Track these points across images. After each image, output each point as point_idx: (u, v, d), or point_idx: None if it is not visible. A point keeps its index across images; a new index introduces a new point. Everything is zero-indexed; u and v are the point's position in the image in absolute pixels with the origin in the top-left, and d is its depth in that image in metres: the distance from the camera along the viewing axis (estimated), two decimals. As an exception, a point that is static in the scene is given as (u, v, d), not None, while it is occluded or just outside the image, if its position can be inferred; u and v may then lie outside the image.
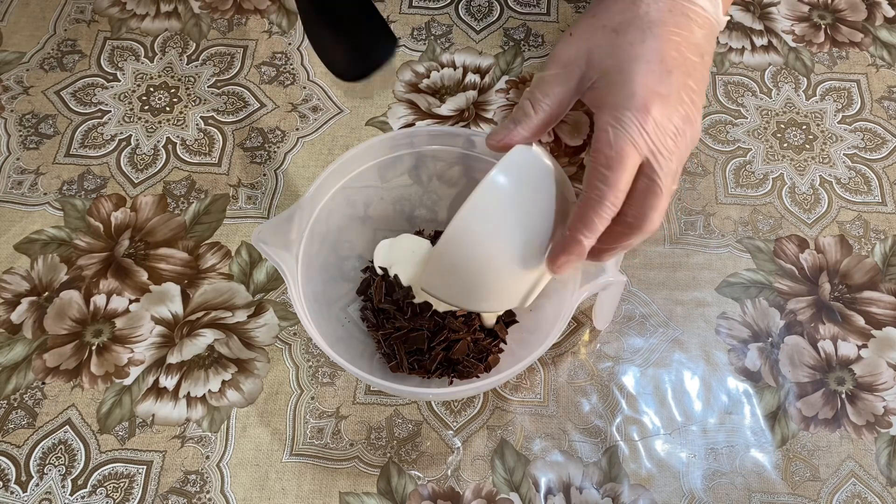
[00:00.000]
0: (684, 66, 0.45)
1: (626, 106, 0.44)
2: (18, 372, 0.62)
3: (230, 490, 0.58)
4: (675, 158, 0.45)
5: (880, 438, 0.60)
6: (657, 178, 0.44)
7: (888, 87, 0.76)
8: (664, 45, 0.45)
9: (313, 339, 0.54)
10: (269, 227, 0.57)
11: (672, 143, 0.44)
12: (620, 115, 0.44)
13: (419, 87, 0.76)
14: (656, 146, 0.44)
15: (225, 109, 0.75)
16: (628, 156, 0.43)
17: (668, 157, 0.44)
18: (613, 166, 0.43)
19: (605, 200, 0.44)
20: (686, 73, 0.45)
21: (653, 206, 0.45)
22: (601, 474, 0.58)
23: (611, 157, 0.43)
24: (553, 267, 0.47)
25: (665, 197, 0.45)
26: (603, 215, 0.44)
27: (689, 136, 0.46)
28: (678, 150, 0.45)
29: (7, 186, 0.71)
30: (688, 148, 0.46)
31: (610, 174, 0.44)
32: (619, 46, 0.45)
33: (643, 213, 0.45)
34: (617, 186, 0.44)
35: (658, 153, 0.44)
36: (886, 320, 0.64)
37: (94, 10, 0.81)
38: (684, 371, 0.62)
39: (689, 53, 0.45)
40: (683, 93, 0.45)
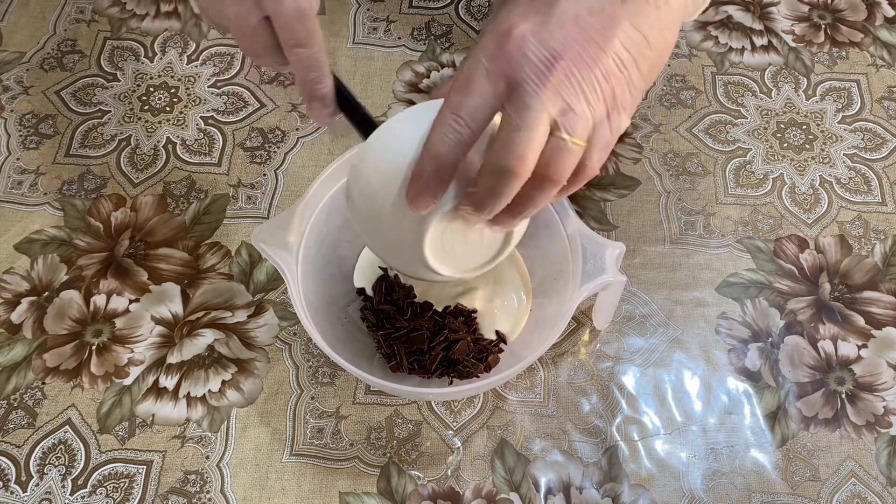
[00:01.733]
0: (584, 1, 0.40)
1: (490, 29, 0.40)
2: (18, 372, 0.62)
3: (230, 490, 0.58)
4: (548, 93, 0.39)
5: (880, 438, 0.60)
6: (516, 110, 0.39)
7: (888, 87, 0.76)
8: None
9: (313, 339, 0.54)
10: (269, 227, 0.57)
11: (540, 73, 0.39)
12: (484, 41, 0.40)
13: (419, 87, 0.76)
14: (517, 72, 0.39)
15: (225, 109, 0.75)
16: (477, 80, 0.39)
17: (533, 86, 0.39)
18: (462, 89, 0.40)
19: (446, 123, 0.40)
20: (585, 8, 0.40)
21: (509, 141, 0.39)
22: (601, 474, 0.58)
23: (461, 80, 0.40)
24: (408, 200, 0.43)
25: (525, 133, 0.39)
26: (445, 140, 0.40)
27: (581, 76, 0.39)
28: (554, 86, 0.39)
29: (7, 186, 0.71)
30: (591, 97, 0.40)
31: (457, 98, 0.40)
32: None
33: (499, 150, 0.40)
34: (459, 109, 0.40)
35: (520, 79, 0.39)
36: (886, 320, 0.64)
37: (94, 10, 0.81)
38: (684, 371, 0.62)
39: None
40: (569, 22, 0.39)
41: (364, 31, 0.80)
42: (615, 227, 0.68)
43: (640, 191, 0.70)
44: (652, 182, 0.70)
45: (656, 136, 0.73)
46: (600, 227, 0.68)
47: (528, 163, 0.40)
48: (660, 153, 0.72)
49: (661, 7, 0.42)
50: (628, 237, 0.68)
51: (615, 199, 0.70)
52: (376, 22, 0.80)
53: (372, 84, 0.76)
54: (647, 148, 0.72)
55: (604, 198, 0.70)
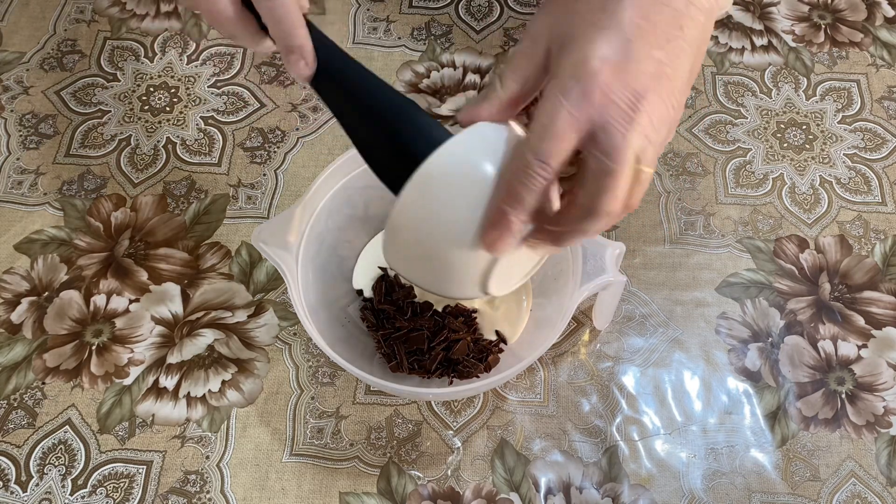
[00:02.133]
0: (652, 35, 0.41)
1: (571, 73, 0.40)
2: (18, 372, 0.62)
3: (230, 490, 0.58)
4: (635, 133, 0.40)
5: (880, 438, 0.60)
6: (606, 154, 0.40)
7: (888, 87, 0.76)
8: (625, 11, 0.40)
9: (313, 339, 0.54)
10: (269, 227, 0.57)
11: (625, 114, 0.40)
12: (562, 82, 0.40)
13: (419, 87, 0.76)
14: (604, 116, 0.39)
15: (225, 109, 0.75)
16: (562, 125, 0.40)
17: (622, 129, 0.40)
18: (543, 135, 0.40)
19: (530, 170, 0.40)
20: (653, 43, 0.41)
21: (604, 186, 0.40)
22: (601, 474, 0.58)
23: (544, 125, 0.40)
24: (484, 244, 0.43)
25: (619, 177, 0.40)
26: (529, 186, 0.40)
27: (658, 114, 0.41)
28: (639, 125, 0.40)
29: (7, 186, 0.71)
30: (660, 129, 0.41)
31: (538, 144, 0.40)
32: (578, 13, 0.41)
33: (594, 195, 0.41)
34: (544, 157, 0.40)
35: (608, 126, 0.39)
36: (886, 320, 0.64)
37: (94, 10, 0.81)
38: (684, 371, 0.62)
39: (660, 22, 0.41)
40: (646, 64, 0.40)
41: (364, 31, 0.80)
42: (615, 227, 0.68)
43: (640, 191, 0.70)
44: (652, 182, 0.70)
45: (656, 136, 0.73)
46: (600, 227, 0.68)
47: (623, 202, 0.41)
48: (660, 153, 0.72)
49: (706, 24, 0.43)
50: (628, 237, 0.68)
51: (615, 199, 0.70)
52: (376, 22, 0.80)
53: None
54: (647, 148, 0.72)
55: (604, 198, 0.70)
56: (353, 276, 0.64)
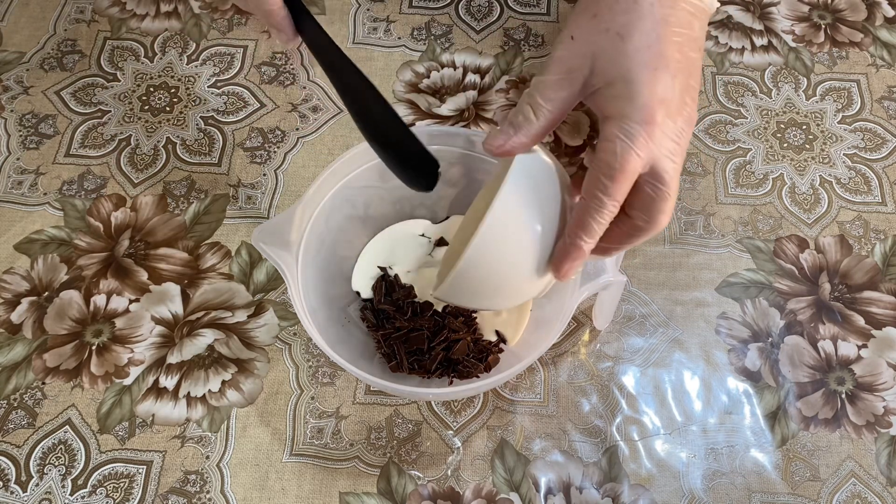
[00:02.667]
0: (687, 67, 0.45)
1: (633, 118, 0.44)
2: (18, 372, 0.62)
3: (230, 490, 0.58)
4: (679, 159, 0.45)
5: (880, 438, 0.60)
6: (663, 182, 0.45)
7: (888, 87, 0.76)
8: (668, 49, 0.44)
9: (313, 339, 0.54)
10: (269, 227, 0.57)
11: (676, 147, 0.45)
12: (627, 126, 0.44)
13: (419, 87, 0.76)
14: (661, 152, 0.44)
15: (225, 109, 0.75)
16: (631, 167, 0.44)
17: (673, 160, 0.45)
18: (616, 177, 0.44)
19: (604, 209, 0.44)
20: (688, 73, 0.45)
21: (661, 209, 0.45)
22: (601, 474, 0.58)
23: (614, 168, 0.44)
24: (558, 274, 0.48)
25: (672, 199, 0.46)
26: (601, 221, 0.45)
27: (689, 133, 0.46)
28: (681, 151, 0.45)
29: (7, 186, 0.71)
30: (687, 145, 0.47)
31: (611, 184, 0.44)
32: (625, 53, 0.44)
33: (652, 217, 0.46)
34: (616, 196, 0.44)
35: (663, 158, 0.44)
36: (886, 320, 0.64)
37: (94, 10, 0.81)
38: (684, 371, 0.62)
39: (690, 52, 0.45)
40: (686, 95, 0.45)
41: (364, 31, 0.80)
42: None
43: (640, 191, 0.70)
44: (652, 182, 0.70)
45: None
46: (600, 227, 0.68)
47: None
48: (660, 153, 0.72)
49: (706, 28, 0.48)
50: (628, 237, 0.68)
51: (615, 199, 0.70)
52: (376, 22, 0.80)
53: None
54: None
55: (604, 198, 0.70)
56: (353, 278, 0.64)
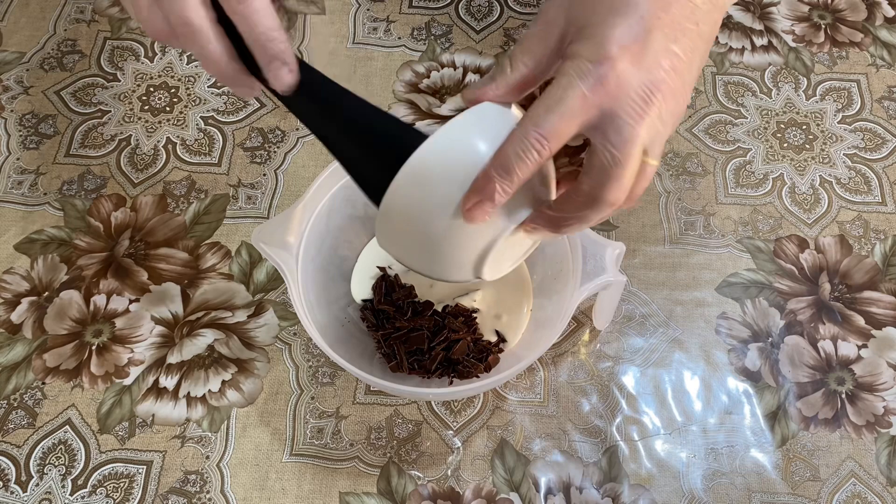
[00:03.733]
0: (670, 28, 0.41)
1: (585, 55, 0.40)
2: (18, 372, 0.62)
3: (230, 490, 0.58)
4: (644, 126, 0.40)
5: (880, 438, 0.60)
6: (615, 145, 0.40)
7: (888, 87, 0.76)
8: (647, 2, 0.40)
9: (313, 339, 0.54)
10: (269, 227, 0.57)
11: (639, 107, 0.39)
12: (578, 63, 0.40)
13: (419, 87, 0.76)
14: (615, 104, 0.39)
15: (225, 109, 0.75)
16: (573, 104, 0.39)
17: (631, 121, 0.39)
18: (553, 108, 0.39)
19: (529, 138, 0.40)
20: (671, 36, 0.41)
21: (609, 175, 0.40)
22: (601, 474, 0.58)
23: (553, 99, 0.39)
24: (463, 209, 0.42)
25: (626, 168, 0.40)
26: (522, 156, 0.40)
27: (668, 108, 0.40)
28: (649, 118, 0.40)
29: (7, 186, 0.71)
30: (668, 122, 0.41)
31: (545, 115, 0.39)
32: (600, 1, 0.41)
33: (600, 184, 0.40)
34: (545, 129, 0.39)
35: (619, 114, 0.39)
36: (886, 320, 0.64)
37: (94, 10, 0.81)
38: (684, 371, 0.62)
39: (679, 17, 0.41)
40: (663, 56, 0.40)
41: (364, 31, 0.80)
42: (615, 227, 0.68)
43: (640, 191, 0.70)
44: (652, 182, 0.70)
45: (656, 136, 0.73)
46: (600, 227, 0.68)
47: (626, 193, 0.41)
48: (660, 153, 0.72)
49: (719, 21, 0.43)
50: (628, 237, 0.68)
51: (615, 199, 0.70)
52: (376, 22, 0.80)
53: (372, 84, 0.76)
54: (647, 148, 0.72)
55: (604, 198, 0.70)
56: (352, 284, 0.64)
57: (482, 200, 0.41)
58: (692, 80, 0.42)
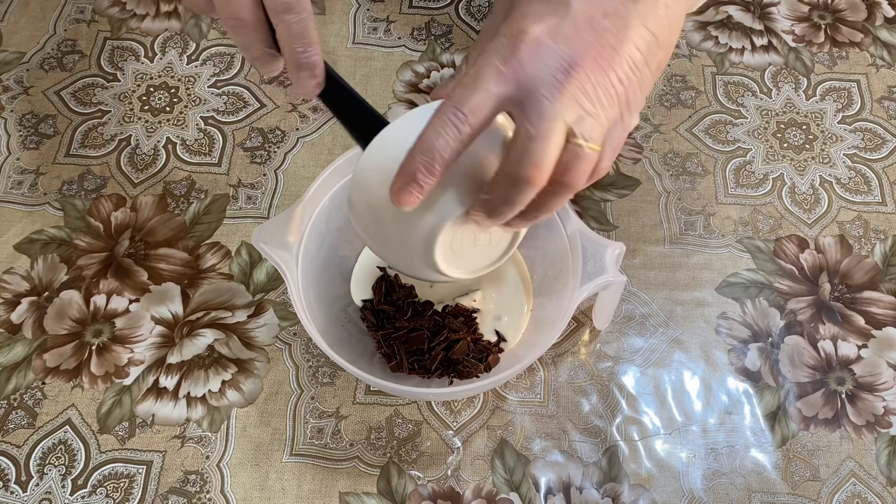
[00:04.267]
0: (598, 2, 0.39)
1: (503, 31, 0.39)
2: (18, 372, 0.62)
3: (230, 490, 0.58)
4: (564, 101, 0.38)
5: (880, 438, 0.60)
6: (529, 117, 0.38)
7: (888, 87, 0.76)
8: None
9: (313, 339, 0.54)
10: (269, 227, 0.57)
11: (556, 81, 0.38)
12: (497, 40, 0.39)
13: (419, 87, 0.76)
14: (532, 78, 0.38)
15: (225, 109, 0.75)
16: (487, 79, 0.38)
17: (548, 93, 0.38)
18: (468, 84, 0.39)
19: (444, 116, 0.39)
20: (599, 10, 0.39)
21: (525, 151, 0.39)
22: (601, 474, 0.58)
23: (470, 75, 0.39)
24: (391, 192, 0.41)
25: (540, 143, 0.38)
26: (441, 132, 0.39)
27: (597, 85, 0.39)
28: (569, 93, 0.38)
29: (7, 186, 0.71)
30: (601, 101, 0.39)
31: (461, 92, 0.39)
32: None
33: (516, 160, 0.39)
34: (463, 106, 0.39)
35: (537, 89, 0.38)
36: (886, 320, 0.64)
37: (94, 10, 0.81)
38: (684, 371, 0.62)
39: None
40: (585, 30, 0.39)
41: (364, 31, 0.80)
42: (615, 227, 0.68)
43: (640, 191, 0.70)
44: (652, 182, 0.70)
45: (656, 136, 0.73)
46: (600, 227, 0.68)
47: (545, 172, 0.40)
48: (660, 153, 0.72)
49: (670, 5, 0.42)
50: (628, 237, 0.68)
51: (615, 199, 0.70)
52: (376, 22, 0.80)
53: (372, 84, 0.76)
54: (647, 148, 0.72)
55: (604, 198, 0.70)
56: (351, 286, 0.64)
57: (406, 181, 0.40)
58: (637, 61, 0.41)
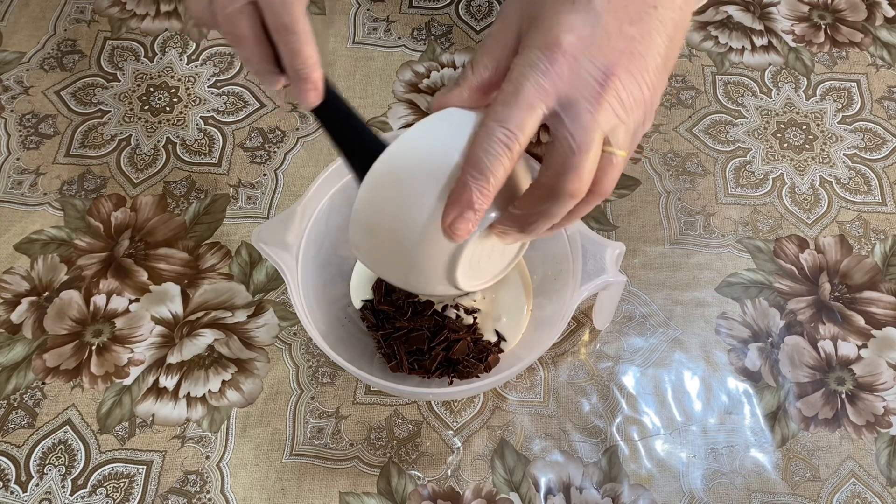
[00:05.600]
0: (623, 11, 0.40)
1: (535, 44, 0.39)
2: (18, 372, 0.62)
3: (230, 490, 0.58)
4: (603, 111, 0.39)
5: (880, 438, 0.60)
6: (571, 131, 0.38)
7: (888, 87, 0.76)
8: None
9: (313, 339, 0.54)
10: (269, 227, 0.57)
11: (595, 91, 0.39)
12: (529, 53, 0.39)
13: (419, 87, 0.76)
14: (572, 90, 0.38)
15: (225, 109, 0.75)
16: (528, 94, 0.38)
17: (589, 105, 0.38)
18: (510, 102, 0.38)
19: (494, 136, 0.39)
20: (624, 19, 0.39)
21: (568, 165, 0.39)
22: (601, 474, 0.58)
23: (509, 93, 0.39)
24: (444, 225, 0.41)
25: (583, 155, 0.39)
26: (493, 152, 0.39)
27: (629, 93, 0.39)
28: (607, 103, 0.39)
29: (7, 186, 0.71)
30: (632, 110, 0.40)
31: (503, 109, 0.39)
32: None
33: (557, 174, 0.39)
34: (509, 123, 0.38)
35: (578, 101, 0.38)
36: (886, 320, 0.64)
37: (94, 10, 0.81)
38: (684, 371, 0.62)
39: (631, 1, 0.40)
40: (617, 39, 0.39)
41: (364, 31, 0.80)
42: (615, 227, 0.68)
43: (640, 191, 0.70)
44: (652, 182, 0.70)
45: (656, 136, 0.73)
46: (600, 227, 0.68)
47: (587, 183, 0.40)
48: (660, 153, 0.72)
49: (682, 7, 0.42)
50: (628, 237, 0.68)
51: (615, 199, 0.70)
52: (376, 22, 0.80)
53: (372, 84, 0.76)
54: (647, 148, 0.72)
55: (604, 198, 0.70)
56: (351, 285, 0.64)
57: (463, 209, 0.40)
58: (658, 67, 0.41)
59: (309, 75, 0.47)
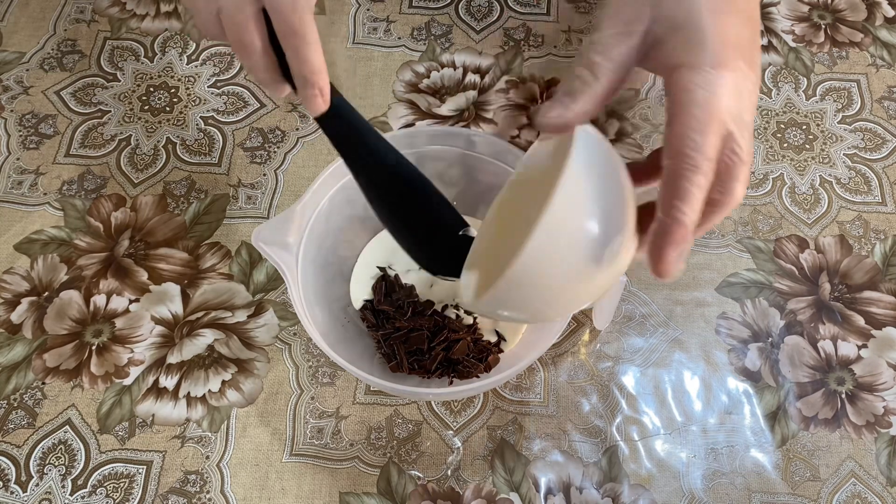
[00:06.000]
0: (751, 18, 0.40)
1: (708, 63, 0.38)
2: (18, 372, 0.62)
3: (230, 490, 0.58)
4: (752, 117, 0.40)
5: (880, 438, 0.60)
6: (740, 145, 0.39)
7: (888, 87, 0.76)
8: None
9: (313, 339, 0.54)
10: (269, 227, 0.57)
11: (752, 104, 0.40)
12: (705, 73, 0.38)
13: (419, 87, 0.76)
14: (742, 112, 0.39)
15: (225, 109, 0.75)
16: (720, 117, 0.38)
17: (749, 119, 0.39)
18: (706, 130, 0.38)
19: (699, 169, 0.38)
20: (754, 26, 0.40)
21: (737, 176, 0.39)
22: (601, 474, 0.58)
23: (702, 120, 0.38)
24: (661, 268, 0.39)
25: (749, 163, 0.40)
26: (700, 184, 0.38)
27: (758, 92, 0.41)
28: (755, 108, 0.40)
29: (7, 186, 0.71)
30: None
31: (701, 139, 0.38)
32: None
33: (727, 186, 0.40)
34: (709, 152, 0.38)
35: (744, 120, 0.39)
36: (886, 320, 0.64)
37: (94, 10, 0.81)
38: (684, 371, 0.62)
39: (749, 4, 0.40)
40: (754, 49, 0.40)
41: (364, 31, 0.80)
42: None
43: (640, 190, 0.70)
44: (652, 182, 0.70)
45: (656, 136, 0.73)
46: (600, 227, 0.68)
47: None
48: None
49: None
50: (628, 237, 0.68)
51: (615, 199, 0.70)
52: (376, 22, 0.80)
53: (372, 84, 0.76)
54: (648, 148, 0.72)
55: (604, 198, 0.70)
56: (351, 287, 0.64)
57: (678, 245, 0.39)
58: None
59: (316, 82, 0.47)
